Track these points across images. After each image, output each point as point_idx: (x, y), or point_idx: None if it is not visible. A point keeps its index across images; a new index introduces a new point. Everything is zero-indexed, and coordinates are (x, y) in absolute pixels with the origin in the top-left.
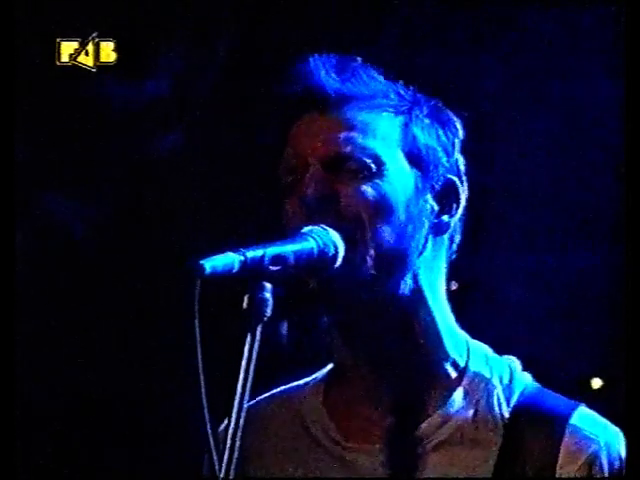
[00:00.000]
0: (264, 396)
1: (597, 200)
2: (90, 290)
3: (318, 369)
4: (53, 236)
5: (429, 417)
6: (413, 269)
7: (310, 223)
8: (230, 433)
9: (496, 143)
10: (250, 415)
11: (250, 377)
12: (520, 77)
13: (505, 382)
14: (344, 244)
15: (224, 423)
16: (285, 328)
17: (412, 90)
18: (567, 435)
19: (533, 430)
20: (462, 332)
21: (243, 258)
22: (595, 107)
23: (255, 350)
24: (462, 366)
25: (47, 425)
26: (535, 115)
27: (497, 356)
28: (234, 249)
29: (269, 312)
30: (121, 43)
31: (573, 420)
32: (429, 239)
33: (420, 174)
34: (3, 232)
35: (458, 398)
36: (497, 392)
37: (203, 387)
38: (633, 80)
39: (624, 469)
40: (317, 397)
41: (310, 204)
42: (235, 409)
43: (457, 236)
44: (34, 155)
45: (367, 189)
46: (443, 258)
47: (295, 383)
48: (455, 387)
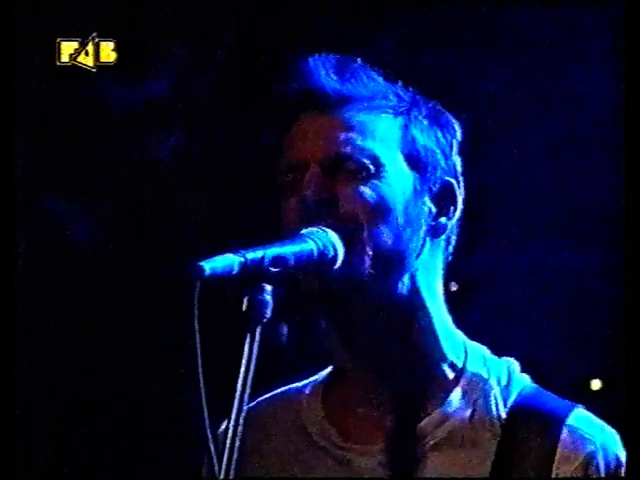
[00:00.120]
0: (264, 397)
1: (597, 201)
2: (90, 291)
3: (318, 371)
4: (53, 236)
5: (428, 417)
6: (411, 271)
7: (309, 224)
8: (230, 434)
9: (495, 143)
10: (250, 416)
11: (250, 378)
12: (520, 77)
13: (503, 383)
14: (343, 246)
15: (224, 424)
16: (285, 330)
17: (411, 91)
18: (564, 436)
19: (530, 431)
20: (460, 333)
21: (243, 260)
22: (595, 107)
23: (255, 351)
24: (460, 367)
25: (47, 425)
26: (534, 115)
27: (495, 357)
28: (234, 250)
29: (269, 314)
30: (121, 43)
31: (570, 421)
32: (426, 241)
33: (418, 176)
34: (3, 232)
35: (456, 399)
36: (494, 393)
37: (203, 388)
38: (633, 80)
39: (621, 470)
40: (316, 399)
41: (309, 205)
42: (235, 410)
43: (454, 238)
44: (34, 155)
45: (366, 190)
46: (440, 260)
47: (294, 385)
48: (452, 388)
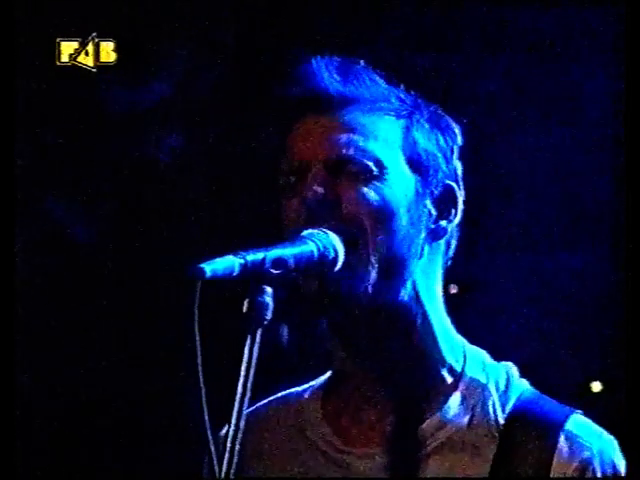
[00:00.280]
0: (264, 402)
1: (596, 202)
2: (90, 291)
3: (318, 373)
4: (53, 236)
5: (426, 421)
6: (411, 274)
7: (311, 225)
8: (230, 435)
9: (495, 144)
10: (250, 420)
11: (250, 380)
12: (519, 77)
13: (501, 388)
14: (344, 247)
15: (224, 428)
16: (285, 332)
17: (413, 95)
18: (561, 441)
19: (527, 435)
20: (459, 337)
21: (243, 261)
22: (595, 108)
23: (255, 353)
24: (458, 371)
25: (47, 425)
26: (534, 115)
27: (494, 362)
28: (234, 252)
29: (269, 316)
30: (121, 43)
31: (567, 426)
32: (426, 244)
33: (420, 178)
34: (3, 232)
35: (454, 403)
36: (493, 398)
37: (203, 389)
38: (633, 80)
39: (617, 477)
40: (316, 402)
41: (311, 206)
42: (235, 412)
43: (454, 242)
44: (34, 155)
45: (368, 192)
46: (439, 263)
47: (294, 389)
48: (451, 392)
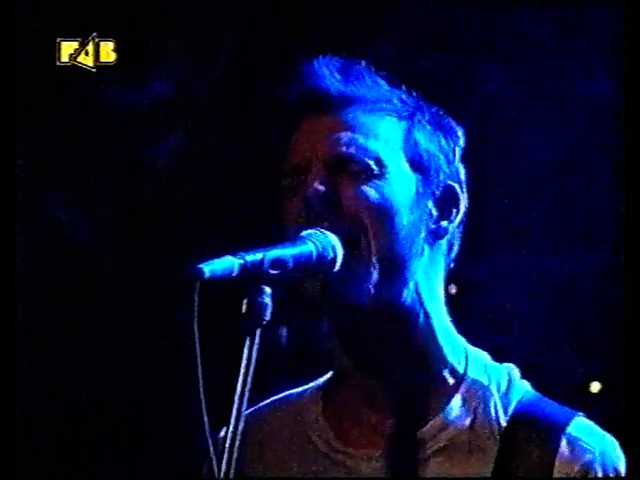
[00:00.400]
0: (264, 403)
1: (597, 203)
2: (90, 292)
3: (318, 373)
4: (53, 236)
5: (428, 423)
6: (412, 274)
7: (311, 224)
8: (229, 436)
9: (494, 144)
10: (251, 421)
11: (249, 381)
12: (519, 78)
13: (503, 390)
14: (343, 247)
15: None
16: (284, 332)
17: (415, 96)
18: (563, 444)
19: (529, 438)
20: (461, 339)
21: (242, 262)
22: (595, 108)
23: (254, 354)
24: (460, 373)
25: (47, 425)
26: (533, 116)
27: (496, 364)
28: (233, 253)
29: (268, 316)
30: (121, 43)
31: (569, 429)
32: (427, 244)
33: (421, 178)
34: (3, 232)
35: (456, 405)
36: (494, 400)
37: (202, 389)
38: (633, 80)
39: (619, 479)
40: (317, 404)
41: (312, 204)
42: (234, 412)
43: (456, 244)
44: (34, 155)
45: (369, 190)
46: (441, 264)
47: (295, 390)
48: (453, 394)
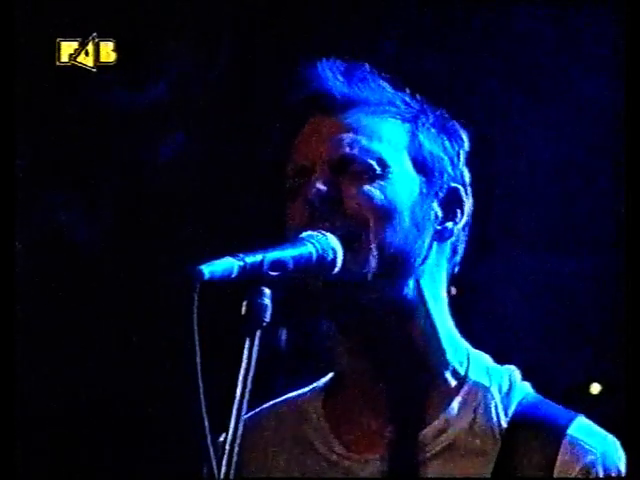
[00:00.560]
0: (265, 406)
1: (597, 204)
2: (90, 292)
3: (318, 375)
4: (53, 236)
5: (429, 425)
6: (415, 275)
7: (314, 224)
8: (229, 437)
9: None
10: (251, 424)
11: (249, 382)
12: (519, 78)
13: (504, 392)
14: (343, 249)
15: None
16: (284, 334)
17: (419, 99)
18: (564, 445)
19: (530, 439)
20: (463, 341)
21: (242, 263)
22: (595, 109)
23: (254, 355)
24: (462, 374)
25: (47, 425)
26: (533, 116)
27: (497, 366)
28: (233, 254)
29: (268, 317)
30: (121, 43)
31: (570, 430)
32: (433, 246)
33: (425, 180)
34: (3, 232)
35: (457, 407)
36: (495, 402)
37: (202, 390)
38: (633, 80)
39: (619, 478)
40: (317, 406)
41: (314, 204)
42: (234, 414)
43: (461, 246)
44: (34, 155)
45: (371, 190)
46: (445, 266)
47: (295, 393)
48: (454, 396)
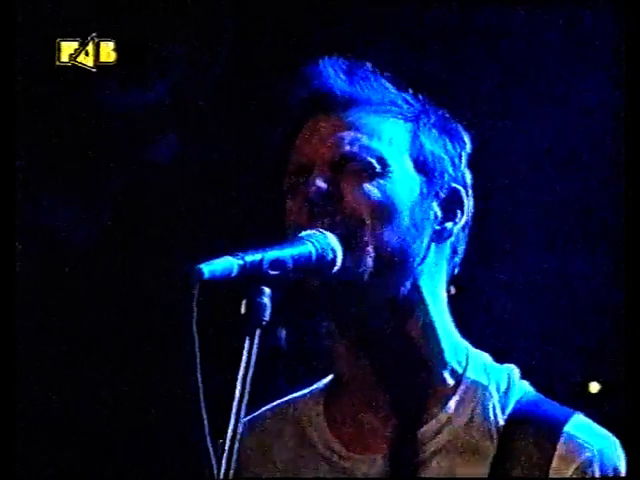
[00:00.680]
0: (266, 407)
1: (597, 206)
2: (90, 292)
3: (317, 374)
4: (53, 237)
5: (427, 423)
6: (414, 274)
7: (313, 222)
8: (229, 436)
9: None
10: (252, 425)
11: (248, 382)
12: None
13: (502, 390)
14: (342, 248)
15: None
16: (284, 334)
17: (421, 100)
18: (561, 442)
19: (527, 437)
20: (463, 340)
21: (242, 262)
22: (595, 109)
23: (254, 355)
24: (460, 373)
25: (47, 426)
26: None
27: (496, 365)
28: (233, 253)
29: (267, 317)
30: (121, 43)
31: (568, 427)
32: (431, 246)
33: (425, 180)
34: (3, 233)
35: (455, 405)
36: (493, 400)
37: (201, 390)
38: (633, 80)
39: (618, 478)
40: (317, 407)
41: (314, 201)
42: (234, 413)
43: (460, 247)
44: (34, 156)
45: (371, 188)
46: (444, 266)
47: (295, 394)
48: (452, 394)
